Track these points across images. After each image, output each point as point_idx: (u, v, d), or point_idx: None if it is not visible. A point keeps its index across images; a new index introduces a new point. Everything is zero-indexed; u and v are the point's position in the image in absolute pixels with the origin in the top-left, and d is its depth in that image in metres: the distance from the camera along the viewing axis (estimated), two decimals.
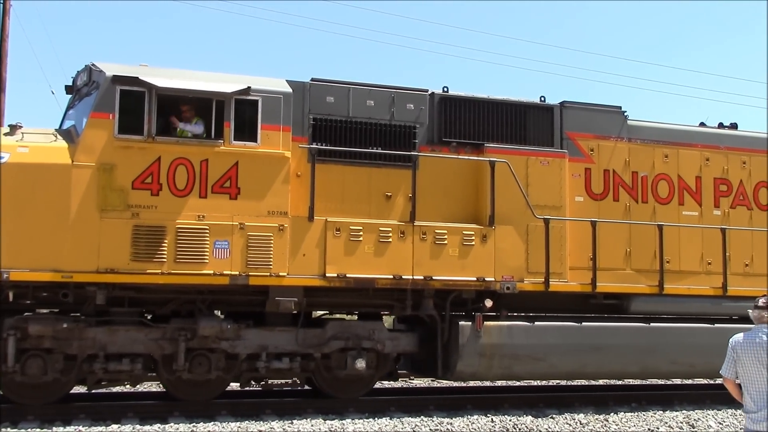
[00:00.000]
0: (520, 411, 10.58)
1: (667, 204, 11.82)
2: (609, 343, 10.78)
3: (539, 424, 9.91)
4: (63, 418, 9.06)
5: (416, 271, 10.00)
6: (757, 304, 5.25)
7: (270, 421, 9.43)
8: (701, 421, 10.52)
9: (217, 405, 9.83)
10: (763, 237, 12.09)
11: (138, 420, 9.25)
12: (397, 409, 10.35)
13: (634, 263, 11.41)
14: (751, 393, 5.15)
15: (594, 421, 10.21)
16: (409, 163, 10.45)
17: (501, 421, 9.91)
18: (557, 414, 10.50)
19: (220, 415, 9.65)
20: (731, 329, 11.46)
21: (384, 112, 10.62)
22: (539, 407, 10.86)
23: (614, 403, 11.34)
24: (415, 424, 9.60)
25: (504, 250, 10.45)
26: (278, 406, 10.03)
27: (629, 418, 10.46)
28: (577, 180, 11.37)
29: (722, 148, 12.28)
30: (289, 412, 9.83)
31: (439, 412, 10.29)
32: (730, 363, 5.31)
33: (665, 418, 10.60)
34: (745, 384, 5.21)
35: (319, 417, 9.65)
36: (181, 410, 9.62)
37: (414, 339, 10.52)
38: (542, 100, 11.42)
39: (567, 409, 10.84)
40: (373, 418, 9.81)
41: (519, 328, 10.46)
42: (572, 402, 11.24)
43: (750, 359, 5.15)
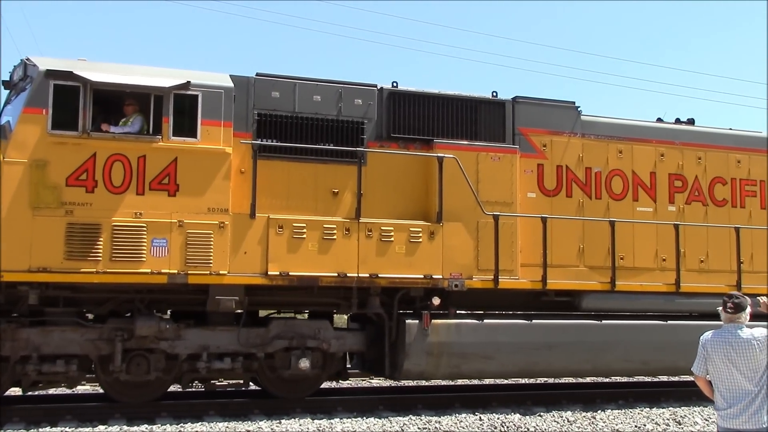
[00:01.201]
0: (508, 409, 10.60)
1: (621, 200, 11.71)
2: (560, 340, 10.67)
3: (527, 422, 9.90)
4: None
5: (362, 268, 9.83)
6: (728, 309, 5.26)
7: (258, 420, 9.39)
8: (687, 417, 10.54)
9: (204, 405, 9.85)
10: (718, 233, 12.01)
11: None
12: (385, 407, 10.36)
13: (588, 260, 11.30)
14: (721, 391, 5.19)
15: (581, 418, 10.23)
16: (357, 159, 10.31)
17: (489, 419, 9.90)
18: (545, 412, 10.52)
19: (208, 415, 9.63)
20: (684, 326, 11.48)
21: (331, 108, 10.44)
22: (527, 405, 10.89)
23: (601, 401, 11.37)
24: (403, 422, 9.59)
25: (452, 247, 10.30)
26: (266, 405, 9.98)
27: (616, 416, 10.48)
28: (529, 176, 11.24)
29: (677, 144, 12.19)
30: (277, 411, 9.79)
31: (427, 411, 10.28)
32: (701, 361, 5.33)
33: (652, 414, 10.63)
34: (716, 382, 5.24)
35: (307, 416, 9.64)
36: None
37: (362, 338, 10.36)
38: (494, 95, 11.28)
39: (555, 406, 10.87)
40: (362, 417, 9.79)
41: (467, 326, 10.32)
42: (560, 400, 11.27)
43: (720, 357, 5.18)
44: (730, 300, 5.30)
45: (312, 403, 10.14)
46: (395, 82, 10.85)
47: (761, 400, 5.06)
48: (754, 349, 5.09)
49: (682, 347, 11.19)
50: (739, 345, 5.13)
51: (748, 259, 12.20)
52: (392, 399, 10.81)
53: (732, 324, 5.25)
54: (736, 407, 5.08)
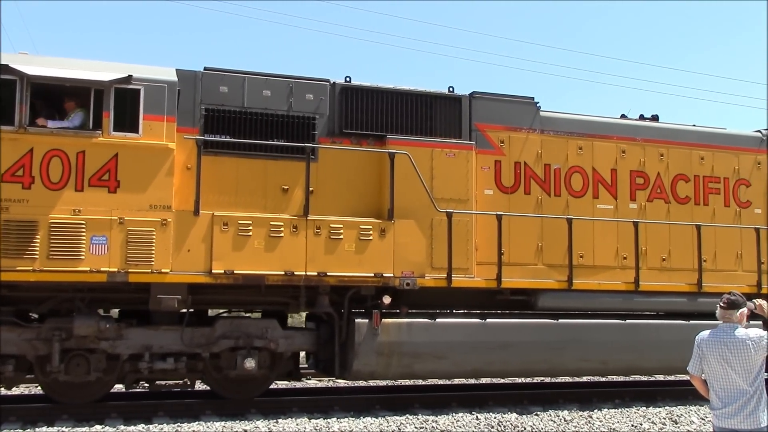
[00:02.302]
0: (504, 408, 10.54)
1: (581, 197, 11.54)
2: (515, 340, 10.48)
3: (524, 421, 9.84)
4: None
5: (310, 266, 9.63)
6: (722, 303, 5.28)
7: (255, 420, 9.35)
8: (684, 416, 10.50)
9: (201, 405, 9.80)
10: (681, 231, 11.85)
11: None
12: (382, 407, 10.32)
13: (547, 258, 11.12)
14: (717, 390, 5.21)
15: (578, 417, 10.17)
16: (311, 156, 10.11)
17: (486, 418, 9.85)
18: (541, 411, 10.46)
19: (204, 414, 9.56)
20: (643, 325, 11.33)
21: (281, 103, 10.25)
22: (523, 404, 10.86)
23: (598, 400, 11.35)
24: (400, 422, 9.52)
25: (404, 245, 10.11)
26: (264, 405, 9.95)
27: (613, 415, 10.45)
28: (486, 173, 11.06)
29: (639, 140, 12.01)
30: (274, 411, 9.78)
31: (424, 410, 10.23)
32: (696, 360, 5.35)
33: (648, 414, 10.59)
34: (711, 381, 5.26)
35: (304, 416, 9.62)
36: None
37: (311, 337, 10.16)
38: (451, 91, 11.09)
39: (551, 405, 10.83)
40: (359, 416, 9.74)
41: (419, 325, 10.13)
42: (556, 399, 11.23)
43: (715, 357, 5.19)
44: (726, 297, 5.31)
45: (308, 402, 10.19)
46: (348, 77, 10.66)
47: (757, 400, 5.07)
48: (749, 348, 5.10)
49: (642, 346, 11.15)
50: (734, 345, 5.14)
51: (711, 257, 12.04)
52: (389, 398, 10.80)
53: (727, 324, 5.26)
54: (732, 407, 5.10)
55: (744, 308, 5.28)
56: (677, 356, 11.18)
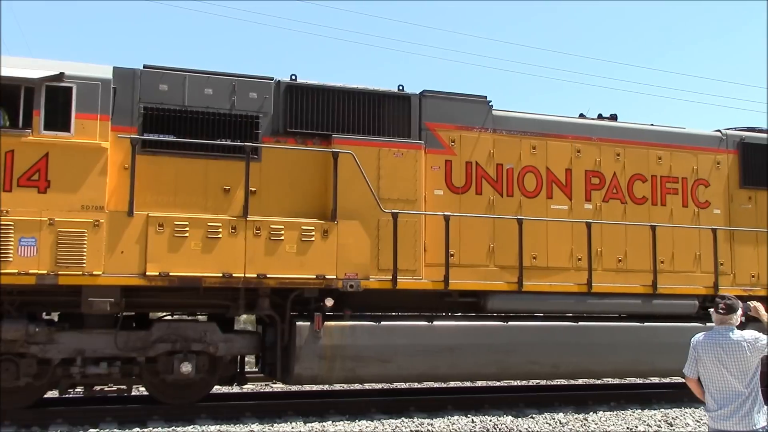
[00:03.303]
0: (500, 411, 10.52)
1: (534, 198, 11.35)
2: (463, 343, 10.28)
3: (519, 423, 9.83)
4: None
5: (249, 268, 9.41)
6: (720, 309, 5.27)
7: (250, 424, 9.33)
8: (679, 419, 10.48)
9: (197, 408, 9.75)
10: (637, 232, 11.66)
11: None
12: (377, 410, 10.30)
13: (498, 259, 10.93)
14: (712, 392, 5.20)
15: (573, 420, 10.16)
16: (253, 155, 9.91)
17: (481, 421, 9.83)
18: (537, 413, 10.45)
19: (200, 418, 9.53)
20: (596, 327, 11.12)
21: (224, 101, 10.04)
22: (519, 407, 10.83)
23: (593, 403, 11.33)
24: (395, 425, 9.49)
25: (348, 246, 9.90)
26: (258, 408, 9.95)
27: (608, 417, 10.43)
28: (436, 172, 10.86)
29: (595, 140, 11.83)
30: (269, 414, 9.77)
31: (419, 413, 10.21)
32: (692, 362, 5.34)
33: (644, 416, 10.57)
34: (706, 383, 5.25)
35: (299, 419, 9.59)
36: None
37: (253, 341, 9.96)
38: (400, 89, 10.90)
39: (547, 408, 10.80)
40: (354, 419, 9.70)
41: (363, 328, 9.92)
42: (552, 402, 11.20)
43: (710, 359, 5.18)
44: (722, 301, 5.29)
45: (304, 405, 10.16)
46: (294, 75, 10.46)
47: (752, 402, 5.06)
48: (744, 350, 5.10)
49: (595, 349, 10.95)
50: (730, 347, 5.13)
51: (669, 258, 11.86)
52: (385, 401, 10.75)
53: (722, 326, 5.25)
54: (727, 409, 5.09)
55: (740, 310, 5.28)
56: (631, 359, 11.16)
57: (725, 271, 12.18)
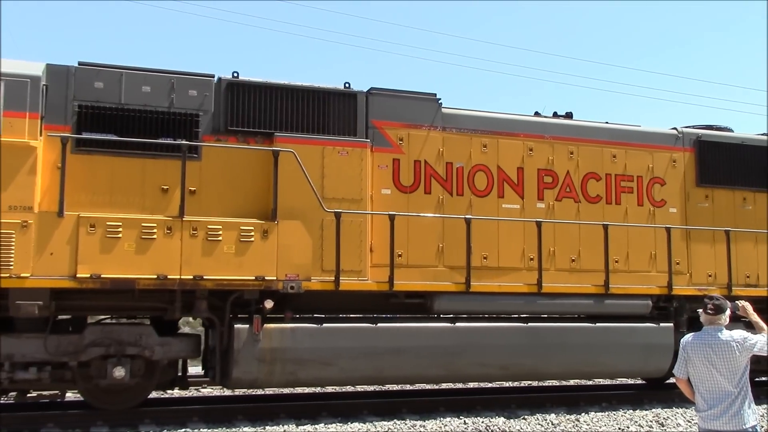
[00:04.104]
0: (492, 412, 10.52)
1: (485, 197, 11.16)
2: (408, 345, 10.08)
3: (511, 425, 9.85)
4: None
5: (185, 270, 9.17)
6: (708, 310, 5.31)
7: (242, 426, 9.34)
8: (671, 419, 10.50)
9: (188, 411, 9.74)
10: (591, 231, 11.48)
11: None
12: (370, 412, 10.28)
13: (448, 260, 10.73)
14: (702, 392, 5.24)
15: (565, 421, 10.17)
16: (192, 154, 9.71)
17: (473, 422, 9.82)
18: (529, 415, 10.45)
19: (192, 421, 9.48)
20: (546, 328, 10.95)
21: (162, 99, 9.81)
22: (511, 408, 10.86)
23: (585, 403, 11.37)
24: (388, 427, 9.49)
25: (289, 247, 9.68)
26: (249, 411, 9.91)
27: (600, 418, 10.47)
28: (383, 171, 10.66)
29: (548, 138, 11.66)
30: (262, 417, 9.74)
31: (411, 415, 10.20)
32: (681, 363, 5.38)
33: (635, 417, 10.60)
34: (696, 384, 5.29)
35: (292, 422, 9.56)
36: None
37: (191, 344, 9.72)
38: (347, 87, 10.69)
39: (539, 409, 10.84)
40: (347, 421, 9.68)
41: (304, 330, 9.70)
42: (544, 403, 11.23)
43: (700, 359, 5.22)
44: (711, 302, 5.33)
45: (296, 408, 10.11)
46: (236, 72, 10.25)
47: (741, 401, 5.10)
48: (734, 350, 5.14)
49: (545, 351, 10.77)
50: (719, 347, 5.17)
51: (624, 258, 11.71)
52: (377, 403, 10.70)
53: (711, 326, 5.29)
54: (717, 408, 5.12)
55: (728, 310, 5.32)
56: (582, 359, 10.99)
57: (681, 270, 12.03)
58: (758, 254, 12.55)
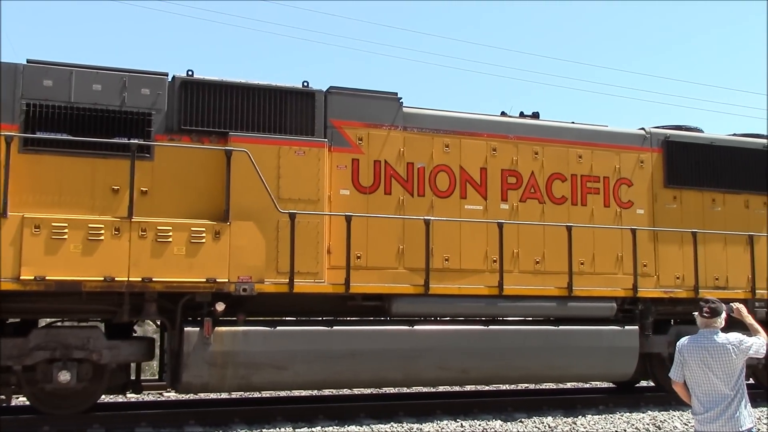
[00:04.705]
0: (489, 415, 10.52)
1: (447, 197, 10.99)
2: (365, 348, 9.90)
3: (508, 428, 9.88)
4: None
5: (133, 272, 8.98)
6: (704, 313, 5.31)
7: (239, 429, 9.35)
8: (667, 422, 10.49)
9: (185, 414, 9.72)
10: (556, 232, 11.32)
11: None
12: (366, 415, 10.24)
13: (408, 261, 10.56)
14: (698, 395, 5.25)
15: (562, 424, 10.19)
16: (144, 154, 9.53)
17: (470, 425, 9.83)
18: (526, 418, 10.48)
19: (188, 424, 9.44)
20: (507, 331, 10.78)
21: (114, 98, 9.62)
22: (508, 411, 10.88)
23: (582, 406, 11.39)
24: (384, 429, 9.50)
25: (241, 248, 9.49)
26: (246, 414, 9.89)
27: (597, 421, 10.48)
28: (342, 172, 10.49)
29: (512, 138, 11.50)
30: (258, 420, 9.71)
31: (408, 418, 10.18)
32: (678, 366, 5.39)
33: (632, 419, 10.60)
34: (692, 387, 5.30)
35: (288, 425, 9.58)
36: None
37: (142, 347, 9.54)
38: (305, 86, 10.52)
39: (536, 412, 10.87)
40: (343, 425, 9.68)
41: (256, 333, 9.52)
42: (541, 405, 11.24)
43: (696, 362, 5.23)
44: (707, 305, 5.33)
45: (293, 411, 10.08)
46: (190, 70, 10.06)
47: (737, 403, 5.11)
48: (730, 353, 5.16)
49: (506, 354, 10.60)
50: (715, 350, 5.19)
51: (589, 259, 11.55)
52: (374, 406, 10.67)
53: (707, 329, 5.30)
54: (714, 411, 5.12)
55: (724, 313, 5.32)
56: (544, 363, 10.82)
57: (648, 272, 11.89)
58: (728, 256, 12.41)
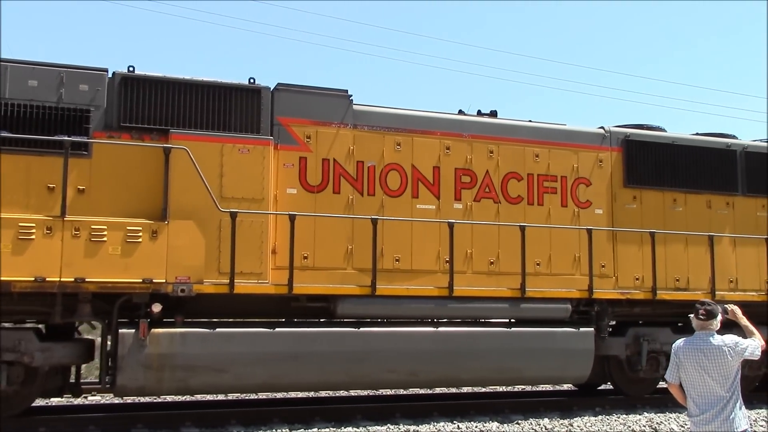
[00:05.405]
0: (485, 417, 10.52)
1: (398, 197, 10.78)
2: (308, 350, 9.68)
3: (505, 429, 9.90)
4: None
5: (65, 272, 8.75)
6: (700, 315, 5.31)
7: (235, 430, 9.37)
8: (663, 424, 10.51)
9: (181, 416, 9.68)
10: (512, 232, 11.10)
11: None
12: (363, 416, 10.25)
13: (357, 262, 10.34)
14: (694, 397, 5.26)
15: (559, 426, 10.20)
16: (81, 151, 9.31)
17: (467, 427, 9.85)
18: (522, 419, 10.48)
19: (185, 425, 9.43)
20: (458, 333, 10.57)
21: (51, 94, 9.39)
22: (505, 413, 10.87)
23: (579, 408, 11.39)
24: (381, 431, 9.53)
25: (180, 248, 9.26)
26: (243, 415, 9.90)
27: (593, 423, 10.50)
28: (289, 170, 10.28)
29: (466, 136, 11.29)
30: (254, 421, 9.73)
31: (405, 420, 10.18)
32: (673, 368, 5.40)
33: (629, 421, 10.63)
34: (688, 389, 5.31)
35: (285, 426, 9.56)
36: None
37: (77, 349, 9.30)
38: (251, 82, 10.31)
39: (532, 414, 10.87)
40: (340, 426, 9.66)
41: (194, 335, 9.29)
42: (537, 407, 11.26)
43: (692, 364, 5.24)
44: (702, 307, 5.34)
45: (289, 412, 10.12)
46: (131, 66, 9.84)
47: (733, 404, 5.12)
48: (726, 355, 5.17)
49: (456, 356, 10.39)
50: (711, 351, 5.20)
51: (546, 260, 11.35)
52: (370, 408, 10.66)
53: (703, 331, 5.30)
54: (709, 413, 5.14)
55: (719, 315, 5.32)
56: (496, 366, 10.60)
57: (607, 273, 11.69)
58: (689, 257, 12.22)
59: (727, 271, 12.35)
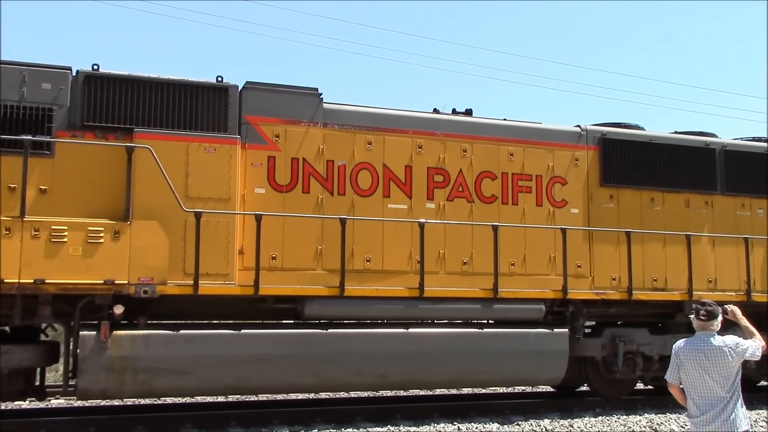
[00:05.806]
0: (486, 418, 10.53)
1: (369, 196, 10.65)
2: (274, 352, 9.54)
3: (505, 430, 9.92)
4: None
5: (24, 273, 8.60)
6: (701, 316, 5.31)
7: None
8: (664, 425, 10.52)
9: (181, 418, 9.66)
10: (485, 232, 10.96)
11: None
12: (364, 418, 10.26)
13: (327, 263, 10.20)
14: (694, 398, 5.26)
15: (559, 427, 10.20)
16: (43, 151, 9.19)
17: (467, 429, 9.86)
18: (523, 420, 10.50)
19: (185, 427, 9.34)
20: (428, 335, 10.43)
21: (12, 93, 9.25)
22: (505, 414, 10.89)
23: (579, 409, 11.41)
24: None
25: (143, 249, 9.12)
26: (242, 417, 9.92)
27: (594, 424, 10.52)
28: (257, 169, 10.14)
29: (439, 135, 11.15)
30: (255, 423, 9.72)
31: (405, 421, 10.20)
32: (674, 369, 5.41)
33: (629, 422, 10.64)
34: (688, 389, 5.31)
35: (285, 428, 9.55)
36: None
37: (38, 352, 9.17)
38: (219, 81, 10.17)
39: (533, 415, 10.88)
40: (340, 428, 9.69)
41: (157, 337, 9.15)
42: (538, 408, 11.28)
43: (692, 365, 5.24)
44: (703, 308, 5.34)
45: (290, 414, 10.13)
46: (96, 64, 9.70)
47: (733, 405, 5.13)
48: (726, 355, 5.17)
49: (426, 358, 10.25)
50: (711, 352, 5.20)
51: (520, 260, 11.21)
52: (371, 409, 10.64)
53: (704, 332, 5.31)
54: (709, 414, 5.14)
55: (720, 316, 5.32)
56: (468, 367, 10.47)
57: (583, 273, 11.56)
58: (666, 256, 12.08)
59: (706, 270, 12.21)
